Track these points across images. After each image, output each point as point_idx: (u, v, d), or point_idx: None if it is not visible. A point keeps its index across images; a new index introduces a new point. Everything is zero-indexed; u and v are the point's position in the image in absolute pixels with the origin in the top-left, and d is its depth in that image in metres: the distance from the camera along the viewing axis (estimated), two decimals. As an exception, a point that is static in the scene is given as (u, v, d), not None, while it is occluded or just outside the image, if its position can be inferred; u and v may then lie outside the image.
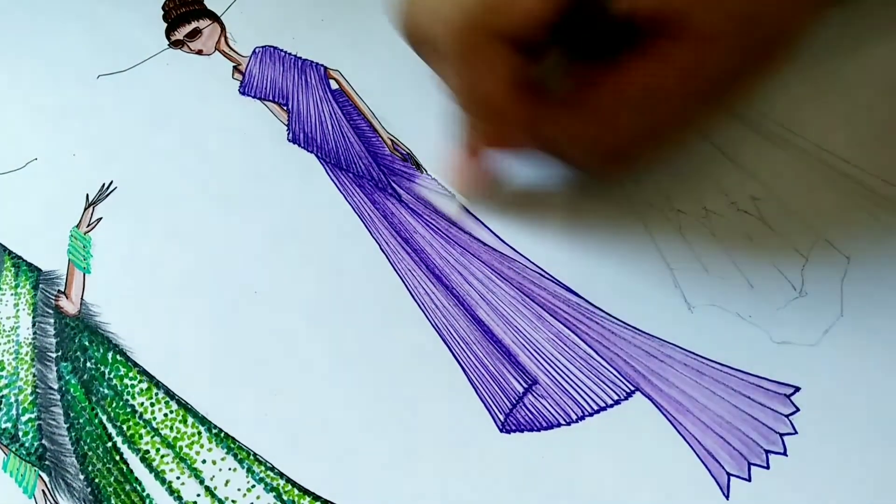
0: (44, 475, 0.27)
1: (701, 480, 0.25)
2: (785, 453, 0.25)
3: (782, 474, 0.25)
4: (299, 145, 0.33)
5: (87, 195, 0.33)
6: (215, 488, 0.26)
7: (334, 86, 0.35)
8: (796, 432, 0.25)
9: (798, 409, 0.26)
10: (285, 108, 0.34)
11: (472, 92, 0.25)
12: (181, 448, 0.27)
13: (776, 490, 0.24)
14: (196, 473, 0.26)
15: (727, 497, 0.25)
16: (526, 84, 0.25)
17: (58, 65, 0.37)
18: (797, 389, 0.26)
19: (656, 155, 0.29)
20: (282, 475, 0.26)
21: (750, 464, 0.25)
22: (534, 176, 0.31)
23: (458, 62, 0.24)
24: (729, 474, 0.25)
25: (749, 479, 0.25)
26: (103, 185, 0.33)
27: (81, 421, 0.27)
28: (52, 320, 0.30)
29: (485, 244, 0.30)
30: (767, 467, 0.25)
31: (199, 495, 0.26)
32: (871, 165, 0.29)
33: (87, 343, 0.29)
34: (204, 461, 0.26)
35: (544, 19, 0.23)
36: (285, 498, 0.26)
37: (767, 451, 0.25)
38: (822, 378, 0.26)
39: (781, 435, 0.25)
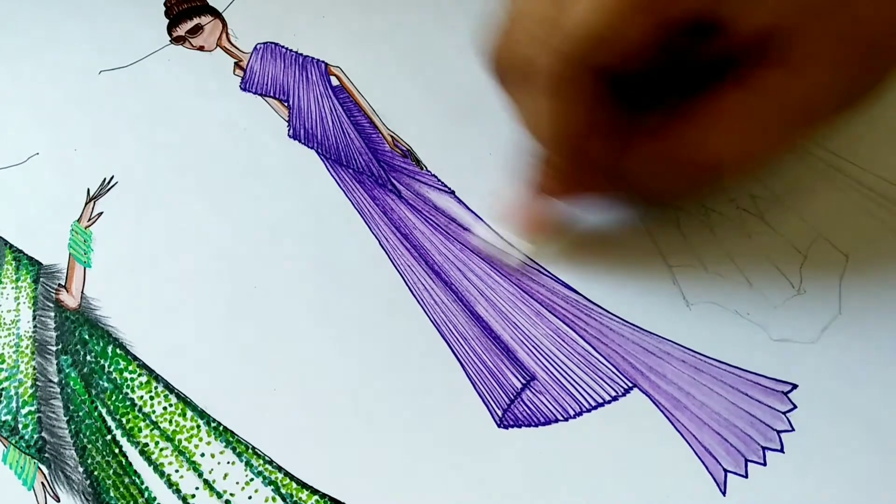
0: (43, 467, 0.27)
1: (698, 477, 0.25)
2: (782, 450, 0.25)
3: (779, 471, 0.25)
4: (300, 141, 0.33)
5: (88, 190, 0.33)
6: (214, 481, 0.26)
7: (335, 82, 0.35)
8: (794, 429, 0.25)
9: (795, 407, 0.26)
10: (286, 104, 0.34)
11: (560, 125, 0.24)
12: (180, 441, 0.27)
13: (773, 487, 0.25)
14: (195, 466, 0.26)
15: (724, 494, 0.25)
16: (614, 118, 0.24)
17: (60, 60, 0.37)
18: (795, 387, 0.26)
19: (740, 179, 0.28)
20: (280, 469, 0.26)
21: (747, 460, 0.25)
22: (595, 218, 0.29)
23: (552, 92, 0.23)
24: (726, 471, 0.25)
25: (746, 476, 0.25)
26: (104, 179, 0.33)
27: (81, 414, 0.28)
28: (52, 314, 0.30)
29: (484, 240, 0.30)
30: (764, 464, 0.25)
31: (197, 488, 0.26)
32: (871, 164, 0.29)
33: (87, 336, 0.29)
34: (203, 454, 0.27)
35: (644, 54, 0.22)
36: (283, 491, 0.26)
37: (764, 448, 0.25)
38: (819, 376, 0.26)
39: (779, 432, 0.25)
